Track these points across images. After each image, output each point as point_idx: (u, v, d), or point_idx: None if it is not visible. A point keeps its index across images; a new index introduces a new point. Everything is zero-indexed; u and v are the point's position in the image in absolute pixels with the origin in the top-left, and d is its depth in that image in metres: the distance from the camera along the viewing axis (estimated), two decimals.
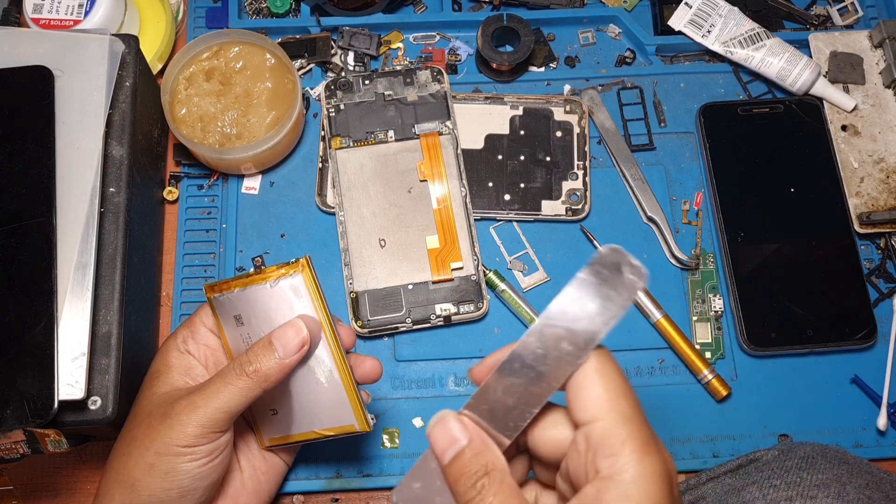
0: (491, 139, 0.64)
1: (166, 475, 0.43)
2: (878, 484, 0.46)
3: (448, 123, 0.63)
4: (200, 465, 0.43)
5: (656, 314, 0.59)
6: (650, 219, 0.63)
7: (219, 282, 0.48)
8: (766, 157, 0.64)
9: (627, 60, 0.68)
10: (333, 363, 0.46)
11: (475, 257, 0.60)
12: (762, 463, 0.50)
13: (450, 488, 0.34)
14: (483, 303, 0.59)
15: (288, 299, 0.45)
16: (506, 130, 0.64)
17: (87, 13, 0.62)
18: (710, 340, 0.60)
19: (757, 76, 0.67)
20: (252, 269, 0.46)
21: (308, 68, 0.67)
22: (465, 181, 0.62)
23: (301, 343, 0.43)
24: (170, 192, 0.63)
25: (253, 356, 0.43)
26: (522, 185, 0.63)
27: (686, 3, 0.67)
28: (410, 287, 0.59)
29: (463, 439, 0.34)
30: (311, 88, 0.66)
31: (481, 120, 0.64)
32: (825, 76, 0.66)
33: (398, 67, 0.67)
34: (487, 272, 0.60)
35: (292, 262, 0.45)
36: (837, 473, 0.45)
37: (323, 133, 0.63)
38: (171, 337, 0.50)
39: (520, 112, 0.65)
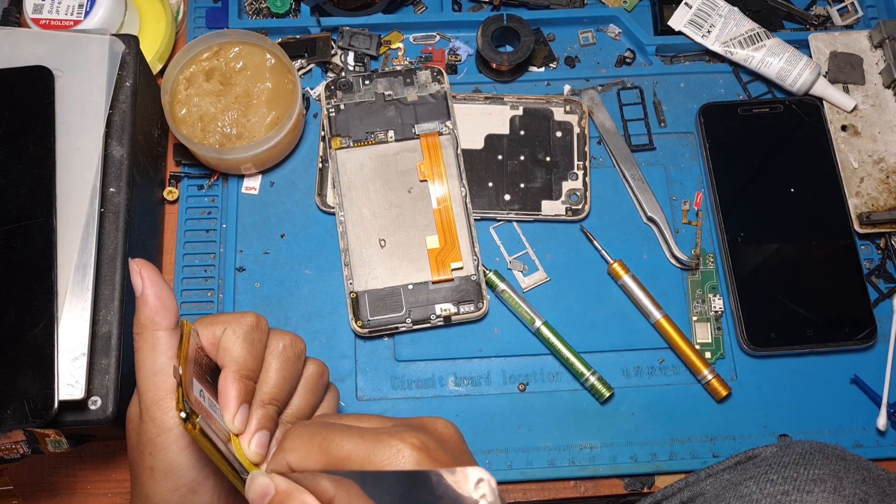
0: (491, 139, 0.64)
1: (167, 474, 0.40)
2: (874, 480, 0.46)
3: (448, 123, 0.63)
4: (194, 450, 0.40)
5: (656, 314, 0.59)
6: (650, 219, 0.63)
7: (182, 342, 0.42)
8: (766, 157, 0.64)
9: (627, 60, 0.68)
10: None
11: (475, 257, 0.60)
12: (760, 459, 0.50)
13: None
14: (483, 303, 0.59)
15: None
16: (506, 130, 0.64)
17: (87, 13, 0.62)
18: (710, 340, 0.60)
19: (757, 76, 0.67)
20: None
21: (308, 68, 0.67)
22: (465, 181, 0.62)
23: (137, 271, 0.40)
24: (170, 192, 0.63)
25: (134, 319, 0.42)
26: (522, 185, 0.63)
27: (686, 3, 0.67)
28: (410, 287, 0.59)
29: (270, 492, 0.37)
30: (311, 88, 0.66)
31: (481, 120, 0.64)
32: (825, 76, 0.66)
33: (398, 67, 0.67)
34: (487, 272, 0.60)
35: (182, 416, 0.37)
36: (834, 469, 0.46)
37: (323, 133, 0.63)
38: None
39: (520, 112, 0.65)
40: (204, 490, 0.41)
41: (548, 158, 0.64)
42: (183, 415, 0.36)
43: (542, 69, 0.68)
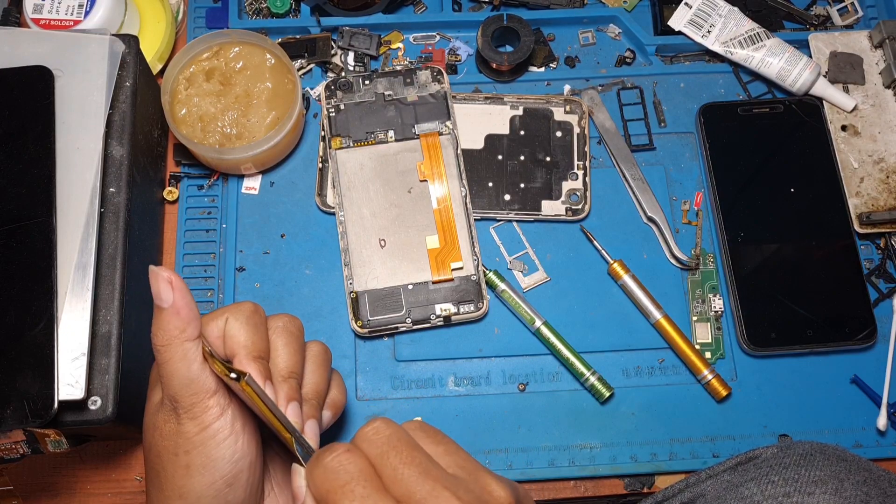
0: (491, 139, 0.64)
1: (204, 468, 0.41)
2: (875, 481, 0.46)
3: (448, 123, 0.63)
4: (230, 442, 0.41)
5: (656, 314, 0.59)
6: (650, 219, 0.63)
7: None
8: (766, 157, 0.64)
9: (627, 60, 0.68)
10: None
11: (475, 257, 0.60)
12: (761, 460, 0.50)
13: None
14: (483, 303, 0.59)
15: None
16: (506, 130, 0.64)
17: (87, 13, 0.62)
18: (710, 340, 0.60)
19: (757, 76, 0.67)
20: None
21: (308, 68, 0.67)
22: (465, 181, 0.62)
23: (167, 280, 0.40)
24: (170, 192, 0.63)
25: (154, 329, 0.41)
26: (522, 185, 0.63)
27: (686, 3, 0.67)
28: (410, 287, 0.59)
29: (300, 497, 0.38)
30: (311, 88, 0.66)
31: (481, 120, 0.64)
32: (825, 76, 0.66)
33: (398, 67, 0.67)
34: (487, 272, 0.60)
35: (233, 377, 0.39)
36: (835, 470, 0.46)
37: (323, 133, 0.63)
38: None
39: (520, 112, 0.65)
40: (238, 483, 0.42)
41: (548, 158, 0.64)
42: (233, 375, 0.38)
43: (542, 69, 0.68)
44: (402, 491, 0.33)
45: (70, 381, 0.48)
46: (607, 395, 0.58)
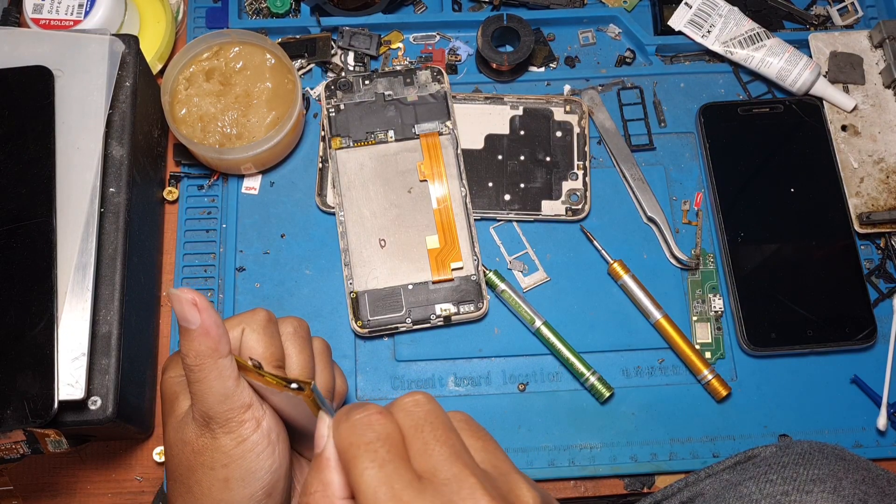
0: (491, 139, 0.64)
1: (244, 481, 0.40)
2: (874, 480, 0.46)
3: (448, 123, 0.63)
4: (268, 453, 0.41)
5: (656, 314, 0.59)
6: (650, 219, 0.63)
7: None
8: (766, 157, 0.64)
9: (627, 60, 0.68)
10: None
11: (475, 257, 0.60)
12: (760, 459, 0.50)
13: None
14: (483, 303, 0.59)
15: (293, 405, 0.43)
16: (506, 130, 0.64)
17: (87, 13, 0.62)
18: (710, 340, 0.60)
19: (757, 76, 0.67)
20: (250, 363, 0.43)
21: (308, 68, 0.67)
22: (465, 181, 0.62)
23: (192, 302, 0.40)
24: (170, 192, 0.63)
25: (183, 349, 0.40)
26: (522, 185, 0.63)
27: (686, 3, 0.67)
28: (410, 287, 0.59)
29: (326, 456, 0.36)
30: (311, 88, 0.66)
31: (481, 120, 0.64)
32: (825, 76, 0.66)
33: (398, 67, 0.67)
34: (487, 272, 0.60)
35: (294, 387, 0.39)
36: (834, 469, 0.46)
37: (323, 133, 0.63)
38: (171, 358, 0.47)
39: (520, 112, 0.65)
40: (276, 492, 0.41)
41: (548, 158, 0.64)
42: (294, 385, 0.38)
43: (542, 69, 0.68)
44: (427, 467, 0.32)
45: (70, 381, 0.48)
46: (607, 395, 0.58)
